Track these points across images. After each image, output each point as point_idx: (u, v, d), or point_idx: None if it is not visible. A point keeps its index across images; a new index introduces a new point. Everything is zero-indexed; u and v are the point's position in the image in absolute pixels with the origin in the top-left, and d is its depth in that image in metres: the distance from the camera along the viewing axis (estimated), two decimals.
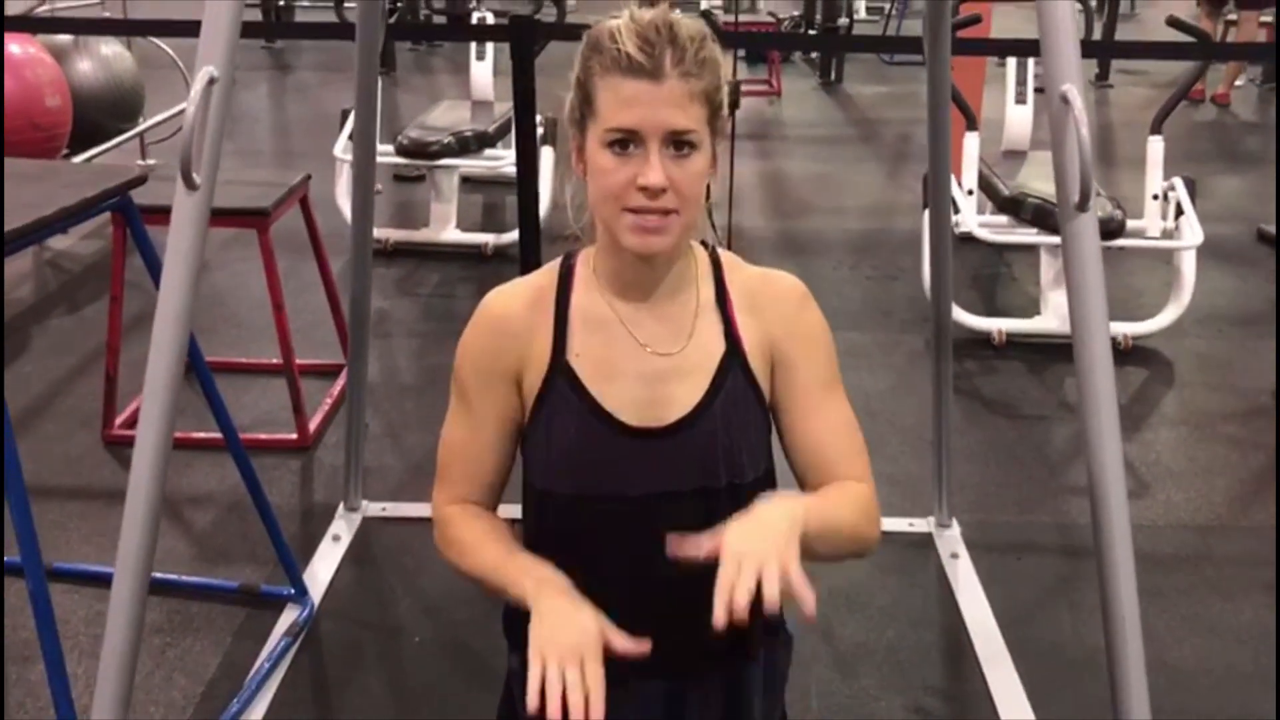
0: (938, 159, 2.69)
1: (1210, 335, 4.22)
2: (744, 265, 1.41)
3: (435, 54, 9.54)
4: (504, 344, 1.34)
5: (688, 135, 1.22)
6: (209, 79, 1.48)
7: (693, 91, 1.21)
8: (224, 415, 2.49)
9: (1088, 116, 1.47)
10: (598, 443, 1.32)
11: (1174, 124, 4.47)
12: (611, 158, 1.22)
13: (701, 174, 1.25)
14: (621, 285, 1.33)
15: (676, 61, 1.20)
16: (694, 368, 1.33)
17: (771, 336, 1.35)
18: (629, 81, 1.20)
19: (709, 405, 1.32)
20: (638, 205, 1.22)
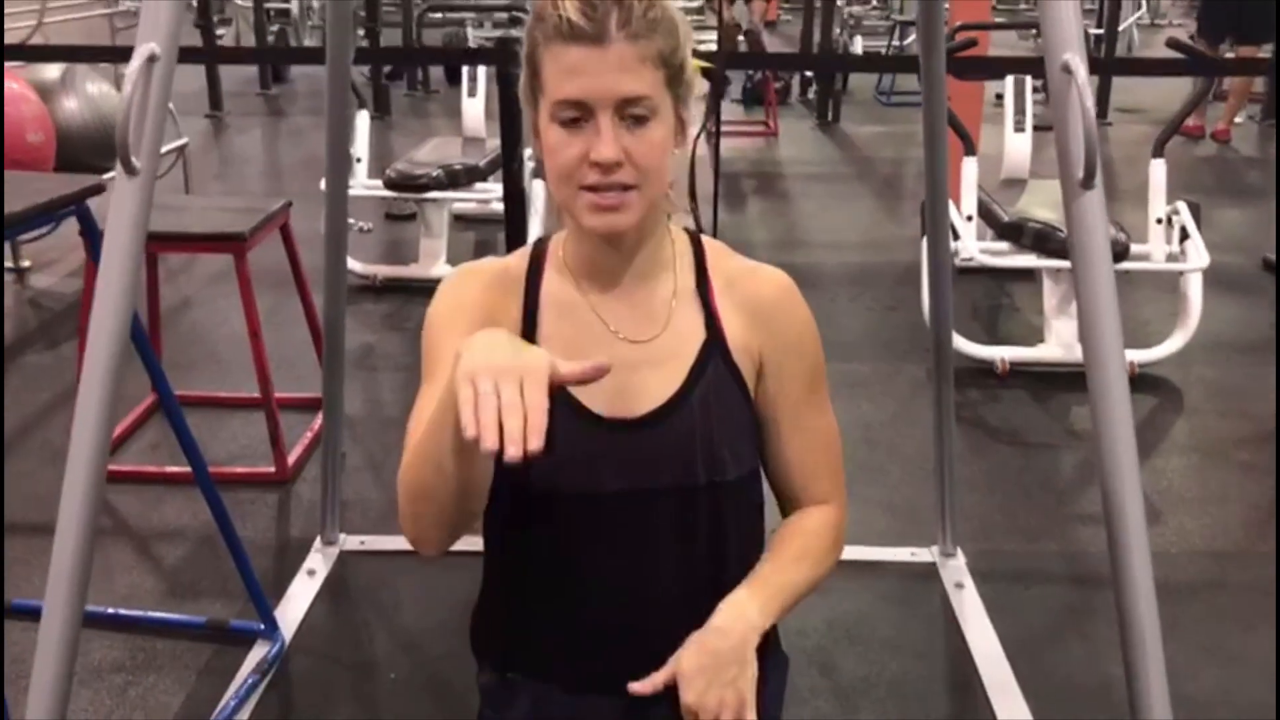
0: (935, 183, 2.60)
1: (1218, 362, 4.11)
2: (731, 254, 1.31)
3: (431, 99, 9.52)
4: (476, 313, 1.24)
5: (641, 102, 1.11)
6: (149, 55, 1.38)
7: (643, 54, 1.11)
8: (192, 448, 2.37)
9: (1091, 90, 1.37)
10: (568, 436, 1.20)
11: (1175, 158, 4.41)
12: (561, 133, 1.13)
13: (661, 144, 1.14)
14: (590, 269, 1.24)
15: (623, 23, 1.10)
16: (670, 356, 1.23)
17: (759, 338, 1.25)
18: (572, 48, 1.10)
19: (686, 396, 1.22)
20: (593, 182, 1.12)
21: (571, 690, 1.29)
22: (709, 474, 1.23)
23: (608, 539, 1.23)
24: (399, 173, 4.78)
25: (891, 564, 2.82)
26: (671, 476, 1.22)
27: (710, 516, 1.24)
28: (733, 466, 1.24)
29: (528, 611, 1.30)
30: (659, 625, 1.25)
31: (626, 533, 1.23)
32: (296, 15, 10.56)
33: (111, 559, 2.85)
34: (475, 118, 5.44)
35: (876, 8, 12.75)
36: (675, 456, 1.22)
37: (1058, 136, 1.41)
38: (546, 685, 1.31)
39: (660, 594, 1.25)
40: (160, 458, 3.31)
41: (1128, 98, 8.68)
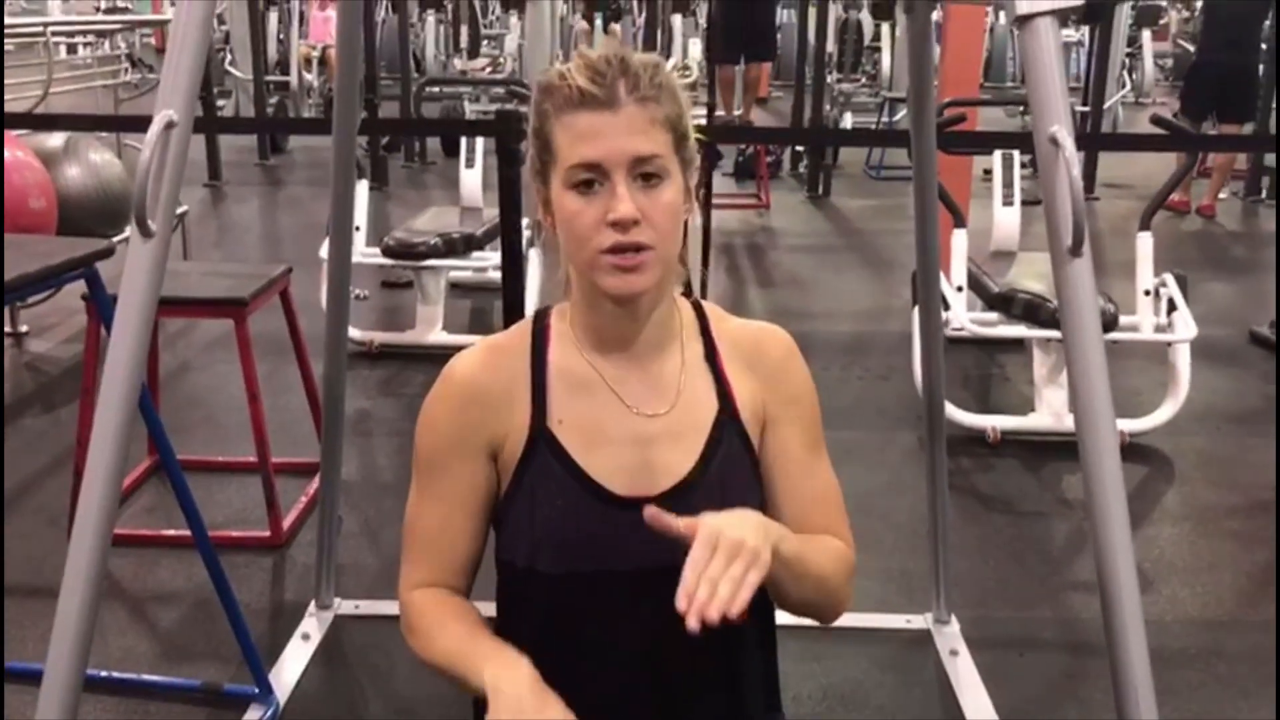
0: (926, 253, 2.64)
1: (1208, 432, 4.15)
2: (727, 316, 1.33)
3: (428, 170, 9.62)
4: (474, 415, 1.24)
5: (653, 161, 1.15)
6: (166, 122, 1.42)
7: (653, 117, 1.15)
8: (193, 511, 2.39)
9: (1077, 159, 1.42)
10: (586, 516, 1.21)
11: (1162, 233, 4.48)
12: (577, 199, 1.15)
13: (674, 205, 1.17)
14: (601, 340, 1.24)
15: (631, 88, 1.14)
16: (685, 430, 1.24)
17: (763, 395, 1.27)
18: (584, 114, 1.14)
19: (704, 471, 1.23)
20: (611, 244, 1.14)
21: None
22: None
23: (625, 616, 1.23)
24: (398, 240, 4.84)
25: (886, 631, 2.82)
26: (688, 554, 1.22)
27: None
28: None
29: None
30: (674, 700, 1.25)
31: (642, 610, 1.21)
32: (295, 89, 10.71)
33: (106, 621, 2.84)
34: (473, 188, 5.51)
35: (865, 85, 12.98)
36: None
37: (1046, 206, 1.46)
38: None
39: (675, 669, 1.25)
40: (157, 521, 3.31)
41: (1114, 173, 8.82)
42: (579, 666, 1.24)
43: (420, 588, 1.29)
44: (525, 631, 1.26)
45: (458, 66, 12.49)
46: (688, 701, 1.26)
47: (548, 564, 1.22)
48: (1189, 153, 4.57)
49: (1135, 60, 12.93)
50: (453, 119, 9.42)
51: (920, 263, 2.69)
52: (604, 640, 1.24)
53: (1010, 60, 14.43)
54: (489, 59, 12.75)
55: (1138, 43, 12.77)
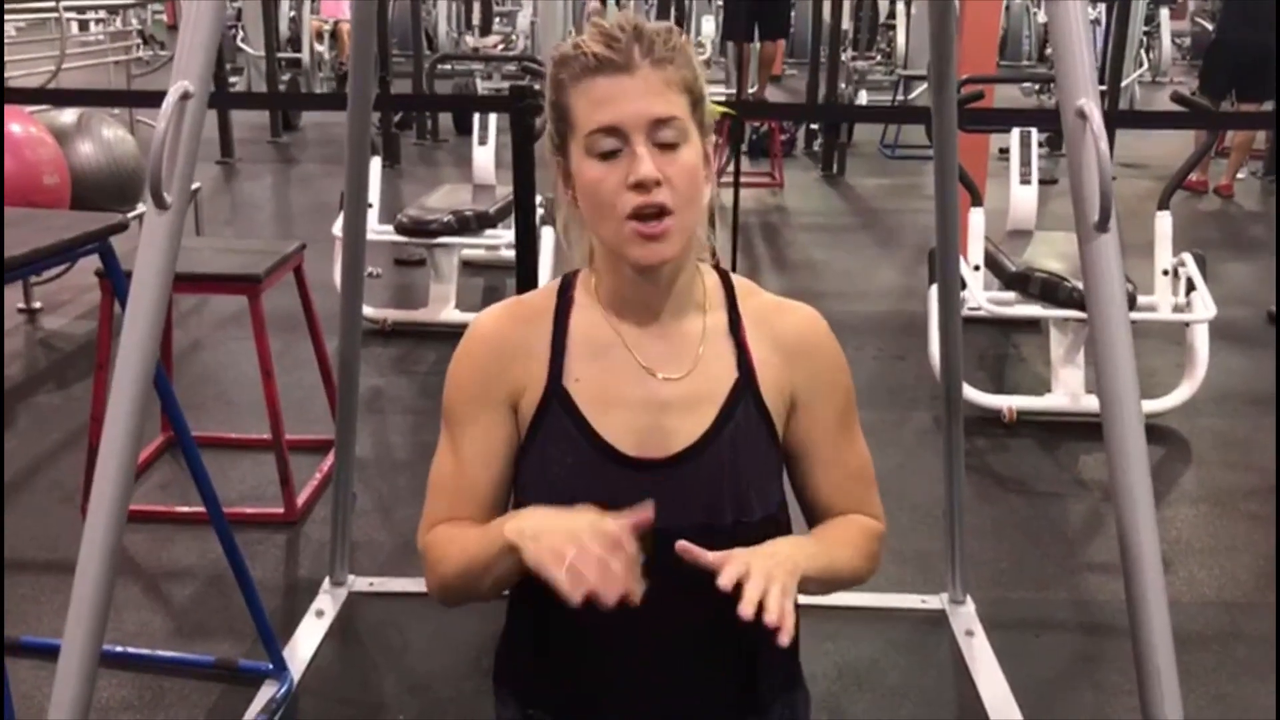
0: (945, 232, 2.62)
1: (1225, 414, 4.12)
2: (758, 291, 1.31)
3: (440, 148, 9.59)
4: (496, 367, 1.25)
5: (672, 123, 1.15)
6: (182, 93, 1.41)
7: (669, 79, 1.15)
8: (207, 487, 2.39)
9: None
10: (595, 474, 1.22)
11: (1180, 213, 4.43)
12: (598, 165, 1.15)
13: (694, 168, 1.17)
14: (623, 304, 1.25)
15: (646, 51, 1.14)
16: (702, 396, 1.23)
17: (791, 376, 1.25)
18: (600, 80, 1.14)
19: (716, 436, 1.22)
20: (635, 208, 1.14)
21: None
22: (735, 514, 1.23)
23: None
24: (411, 218, 4.82)
25: (901, 611, 2.81)
26: (698, 516, 1.22)
27: None
28: (759, 507, 1.25)
29: (550, 651, 1.30)
30: (682, 668, 1.25)
31: (650, 571, 1.22)
32: (308, 65, 10.68)
33: (121, 597, 2.84)
34: (486, 165, 5.48)
35: (881, 63, 12.89)
36: (702, 497, 1.22)
37: (1073, 180, 1.43)
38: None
39: (685, 631, 1.25)
40: (170, 497, 3.31)
41: (1131, 153, 8.75)
42: (584, 628, 1.23)
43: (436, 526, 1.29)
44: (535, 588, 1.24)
45: (470, 43, 12.44)
46: (700, 665, 1.26)
47: None
48: (1208, 131, 4.52)
49: (1153, 39, 12.81)
50: (465, 95, 9.39)
51: (940, 242, 2.67)
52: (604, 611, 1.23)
53: (1026, 38, 14.33)
54: (501, 36, 12.71)
55: (1155, 21, 12.63)
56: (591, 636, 1.24)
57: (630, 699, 1.27)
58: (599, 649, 1.25)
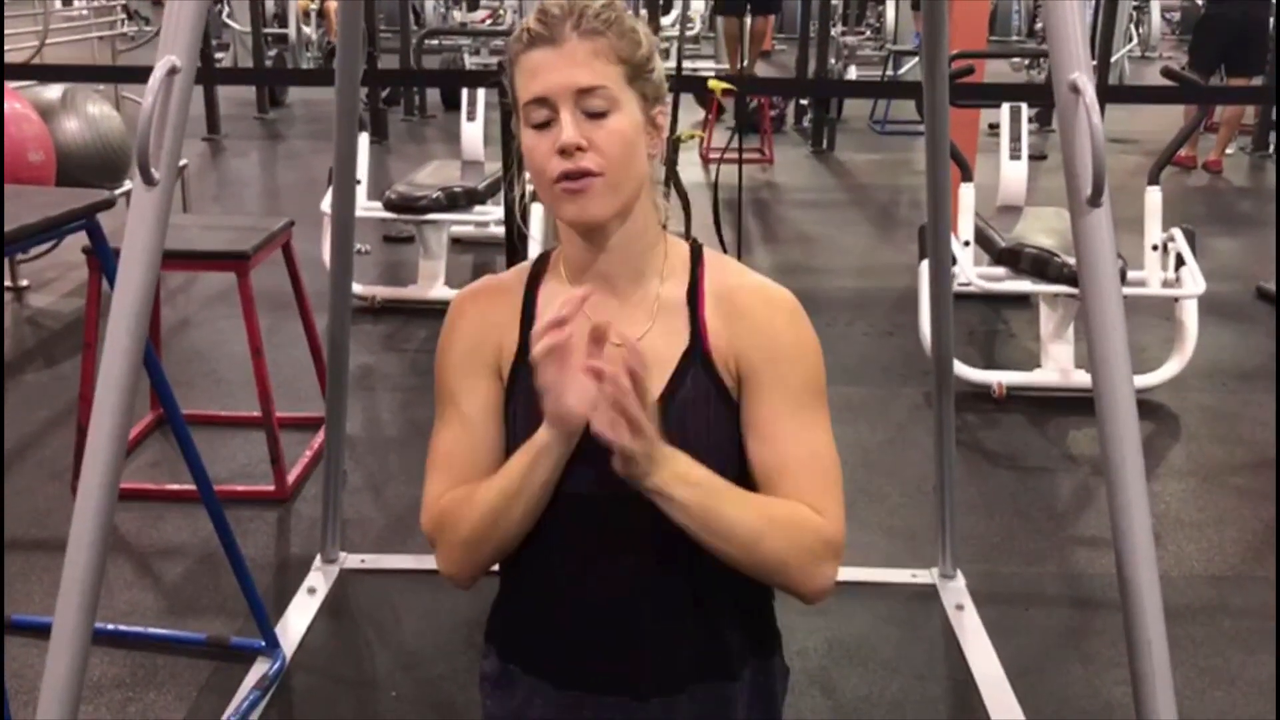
0: (937, 206, 2.62)
1: (1214, 389, 4.13)
2: (738, 270, 1.31)
3: (428, 124, 9.56)
4: (480, 335, 1.30)
5: (598, 92, 1.18)
6: (170, 68, 1.39)
7: (596, 49, 1.19)
8: (197, 463, 2.38)
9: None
10: None
11: (1169, 188, 4.44)
12: (533, 134, 1.20)
13: (624, 134, 1.20)
14: (579, 271, 1.28)
15: (575, 24, 1.19)
16: (652, 362, 1.22)
17: (740, 348, 1.25)
18: (533, 53, 1.19)
19: (667, 404, 1.23)
20: (561, 172, 1.18)
21: (560, 686, 1.32)
22: None
23: (587, 541, 1.26)
24: (399, 195, 4.80)
25: (892, 585, 2.83)
26: None
27: None
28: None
29: (521, 606, 1.34)
30: (638, 627, 1.28)
31: (605, 536, 1.25)
32: (294, 40, 10.61)
33: (112, 575, 2.83)
34: (474, 141, 5.46)
35: (870, 38, 12.85)
36: None
37: (1065, 155, 1.43)
38: (540, 680, 1.33)
39: (639, 597, 1.27)
40: (160, 475, 3.31)
41: (1121, 128, 8.76)
42: (551, 589, 1.30)
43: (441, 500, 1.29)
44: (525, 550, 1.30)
45: (457, 18, 12.37)
46: (656, 632, 1.28)
47: None
48: (1199, 106, 4.52)
49: (1142, 13, 12.80)
50: (454, 70, 9.33)
51: (931, 217, 2.66)
52: (570, 563, 1.28)
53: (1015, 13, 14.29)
54: (489, 10, 12.63)
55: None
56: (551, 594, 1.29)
57: (589, 656, 1.30)
58: (558, 607, 1.30)
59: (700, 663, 1.30)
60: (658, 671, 1.29)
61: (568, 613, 1.29)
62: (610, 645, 1.28)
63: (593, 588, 1.27)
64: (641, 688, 1.29)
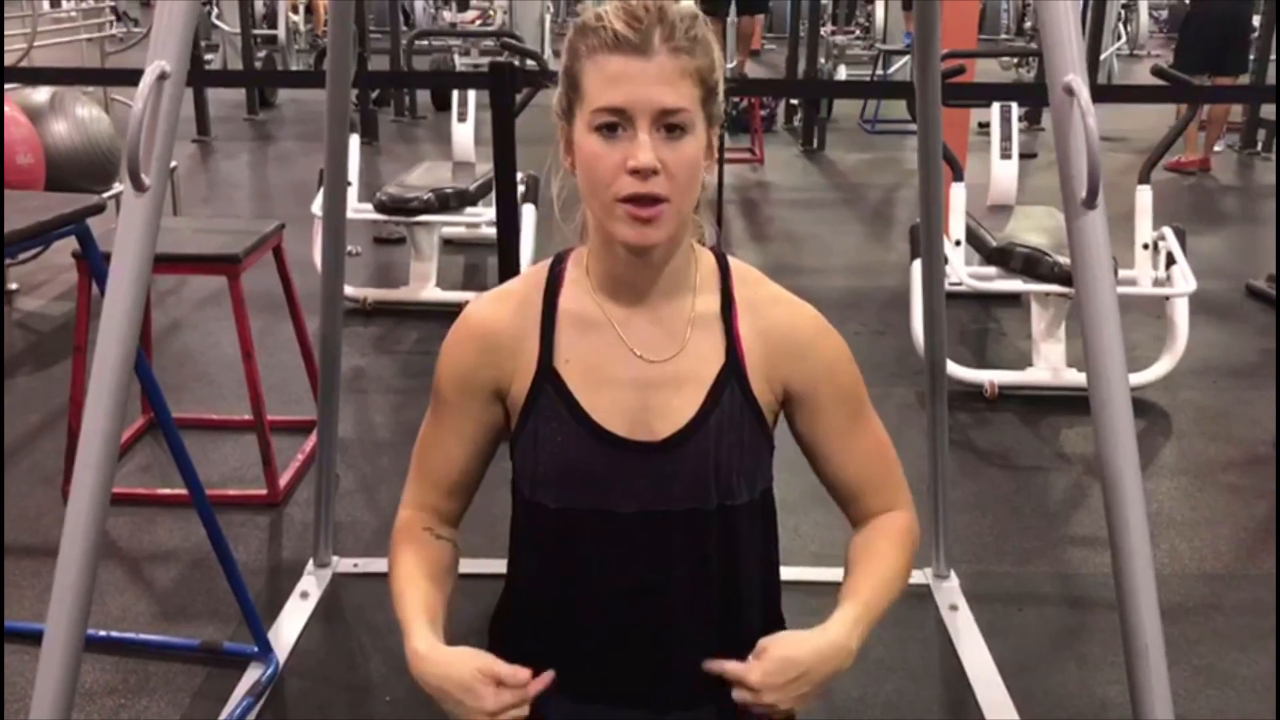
0: (929, 206, 2.62)
1: (1205, 387, 4.14)
2: (758, 280, 1.30)
3: (419, 124, 9.54)
4: (485, 359, 1.26)
5: (679, 115, 1.14)
6: (159, 73, 1.39)
7: (684, 68, 1.14)
8: (188, 468, 2.37)
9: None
10: (586, 455, 1.23)
11: (1157, 186, 4.44)
12: (599, 142, 1.15)
13: (695, 159, 1.16)
14: (614, 286, 1.24)
15: (666, 37, 1.13)
16: (688, 378, 1.23)
17: (786, 373, 1.26)
18: (616, 58, 1.13)
19: (703, 421, 1.23)
20: (630, 192, 1.14)
21: (581, 699, 1.30)
22: (720, 498, 1.24)
23: (621, 556, 1.25)
24: (390, 196, 4.79)
25: None
26: (685, 500, 1.23)
27: (722, 538, 1.25)
28: (744, 491, 1.25)
29: (542, 620, 1.32)
30: (669, 641, 1.27)
31: (639, 552, 1.24)
32: (284, 41, 10.58)
33: (104, 581, 2.82)
34: (465, 142, 5.45)
35: (860, 37, 12.86)
36: (689, 481, 1.23)
37: (1060, 157, 1.43)
38: (555, 694, 1.31)
39: (672, 611, 1.26)
40: (152, 479, 3.29)
41: (1110, 127, 8.76)
42: (575, 602, 1.28)
43: (411, 507, 1.35)
44: (531, 565, 1.31)
45: (447, 19, 12.35)
46: (682, 646, 1.27)
47: (548, 498, 1.26)
48: (1190, 105, 4.53)
49: (1130, 12, 12.82)
50: (445, 71, 9.32)
51: (923, 217, 2.66)
52: (599, 578, 1.27)
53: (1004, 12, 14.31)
54: (479, 11, 12.62)
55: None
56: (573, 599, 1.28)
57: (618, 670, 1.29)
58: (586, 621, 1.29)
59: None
60: (681, 684, 1.28)
61: (595, 627, 1.27)
62: (637, 658, 1.28)
63: (624, 602, 1.26)
64: (663, 699, 1.28)
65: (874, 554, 1.29)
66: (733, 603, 1.28)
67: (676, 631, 1.26)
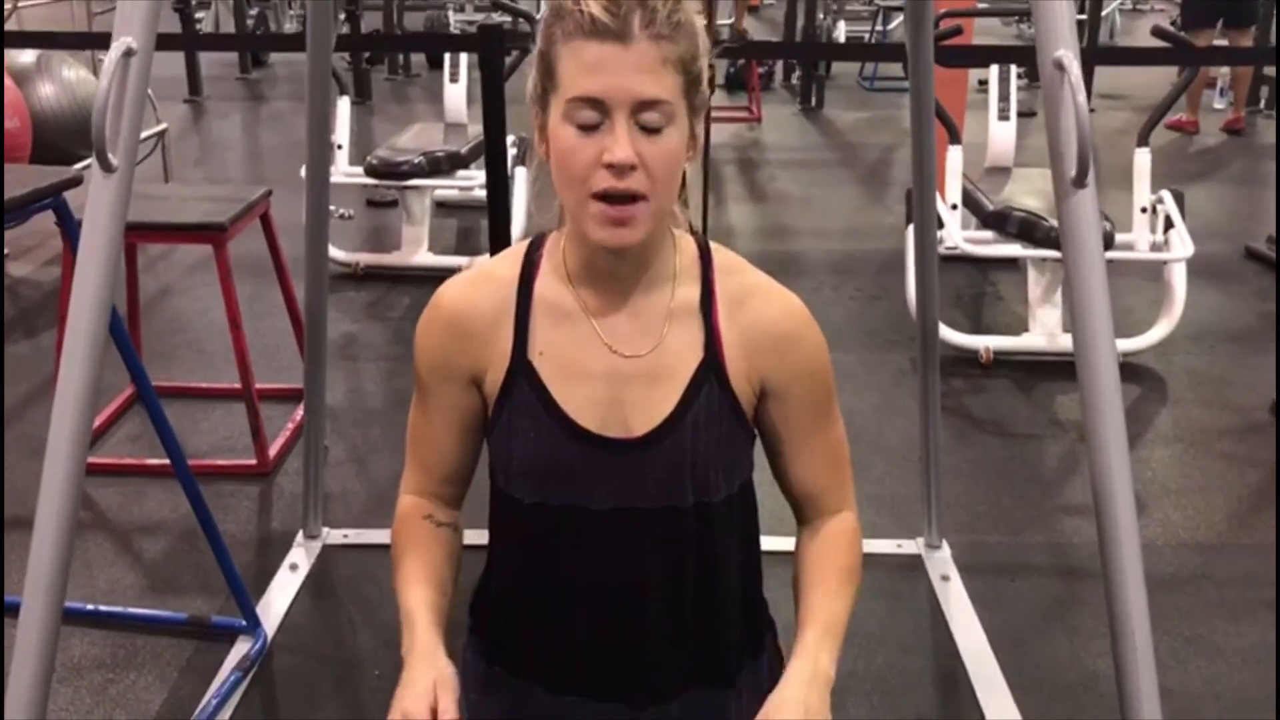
0: (922, 171, 2.58)
1: (1202, 352, 4.12)
2: (741, 269, 1.25)
3: (412, 83, 9.44)
4: (458, 345, 1.22)
5: (659, 106, 1.08)
6: (125, 50, 1.35)
7: (665, 56, 1.08)
8: (171, 440, 2.34)
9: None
10: (559, 451, 1.20)
11: (1155, 145, 4.39)
12: (575, 134, 1.09)
13: (675, 153, 1.11)
14: (590, 276, 1.20)
15: (646, 23, 1.07)
16: (664, 374, 1.19)
17: (761, 366, 1.21)
18: (593, 44, 1.07)
19: (680, 419, 1.19)
20: (604, 188, 1.08)
21: (553, 690, 1.29)
22: (697, 495, 1.21)
23: (596, 552, 1.22)
24: (380, 160, 4.74)
25: (877, 556, 2.81)
26: (660, 498, 1.20)
27: (698, 534, 1.22)
28: (722, 488, 1.22)
29: (517, 609, 1.30)
30: (645, 635, 1.25)
31: (614, 547, 1.22)
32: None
33: (91, 553, 2.82)
34: (457, 103, 5.39)
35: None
36: (664, 478, 1.20)
37: (1050, 134, 1.40)
38: (531, 684, 1.30)
39: (647, 606, 1.24)
40: (141, 449, 3.27)
41: (1111, 84, 8.68)
42: (550, 595, 1.26)
43: (411, 493, 1.32)
44: (507, 554, 1.29)
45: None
46: (658, 642, 1.25)
47: (522, 491, 1.23)
48: (1191, 66, 4.47)
49: None
50: (434, 33, 9.22)
51: (916, 181, 2.63)
52: (573, 573, 1.24)
53: None
54: None
55: None
56: (549, 595, 1.26)
57: (592, 663, 1.27)
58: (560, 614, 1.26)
59: (698, 670, 1.28)
60: (656, 677, 1.27)
61: (571, 620, 1.25)
62: (612, 652, 1.26)
63: (599, 597, 1.24)
64: (639, 694, 1.27)
65: (830, 568, 1.26)
66: (709, 599, 1.26)
67: (652, 627, 1.25)
